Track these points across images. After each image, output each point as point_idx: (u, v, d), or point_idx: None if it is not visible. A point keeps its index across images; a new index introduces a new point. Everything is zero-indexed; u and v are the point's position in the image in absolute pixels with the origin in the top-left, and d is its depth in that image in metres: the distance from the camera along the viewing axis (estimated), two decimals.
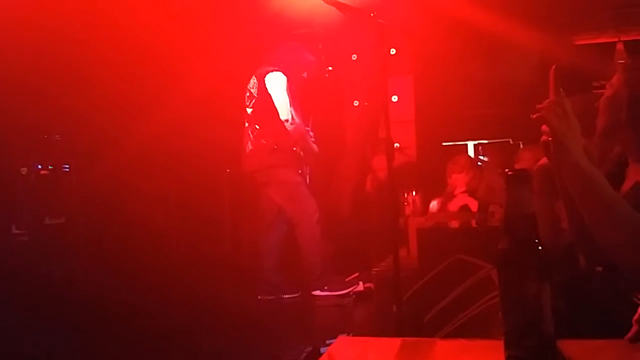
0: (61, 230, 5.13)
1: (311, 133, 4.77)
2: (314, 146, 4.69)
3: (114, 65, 5.34)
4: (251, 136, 4.57)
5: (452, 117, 7.08)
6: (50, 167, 5.41)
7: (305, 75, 4.83)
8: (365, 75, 6.65)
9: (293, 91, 4.55)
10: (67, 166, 5.57)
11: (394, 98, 6.73)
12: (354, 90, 6.93)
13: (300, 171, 4.61)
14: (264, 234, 4.70)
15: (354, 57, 6.84)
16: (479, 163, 5.84)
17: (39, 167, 5.30)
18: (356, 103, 6.91)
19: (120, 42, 5.26)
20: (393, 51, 6.57)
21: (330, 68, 6.69)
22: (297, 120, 4.48)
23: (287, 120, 4.41)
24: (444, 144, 7.52)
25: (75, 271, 4.66)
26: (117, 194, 5.68)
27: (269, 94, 4.45)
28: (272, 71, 4.51)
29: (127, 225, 5.49)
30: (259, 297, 4.52)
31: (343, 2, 3.19)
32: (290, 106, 4.46)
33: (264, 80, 4.50)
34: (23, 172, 5.11)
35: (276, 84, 4.45)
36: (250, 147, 4.58)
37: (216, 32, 5.63)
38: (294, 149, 4.54)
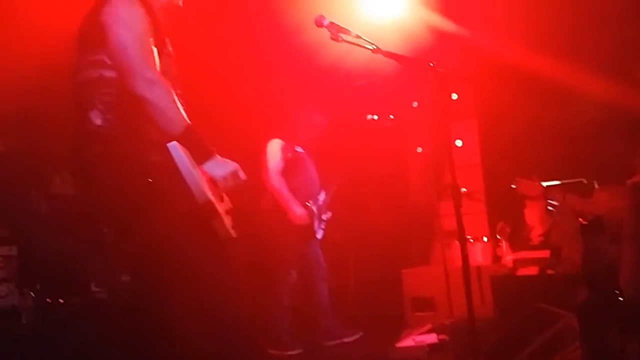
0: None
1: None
2: (297, 210, 4.79)
3: None
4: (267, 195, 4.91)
5: (520, 159, 6.92)
6: None
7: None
8: (427, 122, 6.64)
9: (290, 156, 4.84)
10: None
11: (458, 142, 6.67)
12: (416, 136, 6.92)
13: (315, 226, 4.91)
14: (312, 287, 4.95)
15: (415, 104, 6.85)
16: (549, 208, 5.62)
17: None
18: (419, 149, 6.88)
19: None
20: (455, 96, 6.56)
21: (391, 116, 6.74)
22: (278, 184, 4.75)
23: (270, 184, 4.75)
24: (513, 186, 7.32)
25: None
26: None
27: None
28: (274, 137, 4.88)
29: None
30: (326, 344, 4.60)
31: (401, 54, 3.24)
32: (280, 172, 4.77)
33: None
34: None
35: (268, 149, 4.83)
36: (264, 204, 4.93)
37: (273, 82, 5.81)
38: (308, 203, 4.85)
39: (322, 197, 5.07)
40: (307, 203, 4.83)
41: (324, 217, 5.06)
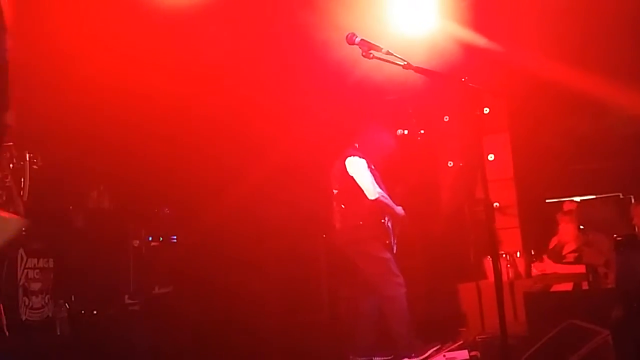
0: (169, 299, 5.38)
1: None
2: (399, 209, 4.80)
3: (213, 148, 5.80)
4: (339, 215, 4.81)
5: (554, 173, 6.82)
6: (160, 238, 5.74)
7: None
8: (459, 136, 6.60)
9: (373, 170, 4.75)
10: (175, 237, 5.90)
11: (491, 157, 6.61)
12: (447, 151, 6.87)
13: (387, 242, 4.74)
14: (359, 302, 4.82)
15: (446, 118, 6.82)
16: (581, 227, 5.49)
17: (150, 239, 5.64)
18: (450, 164, 6.83)
19: (215, 123, 5.69)
20: (487, 110, 6.51)
21: (422, 131, 6.72)
22: (380, 194, 4.67)
23: (375, 199, 4.63)
24: (547, 201, 7.21)
25: (181, 337, 4.82)
26: (219, 263, 5.91)
27: (351, 177, 4.69)
28: (351, 155, 4.78)
29: (228, 292, 5.67)
30: (350, 358, 4.55)
31: (432, 69, 3.24)
32: (373, 183, 4.67)
33: (345, 165, 4.76)
34: (135, 245, 5.45)
35: (357, 167, 4.69)
36: (338, 224, 4.80)
37: (306, 102, 5.88)
38: (383, 220, 4.71)
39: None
40: (382, 220, 4.76)
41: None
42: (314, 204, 5.53)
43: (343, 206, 4.77)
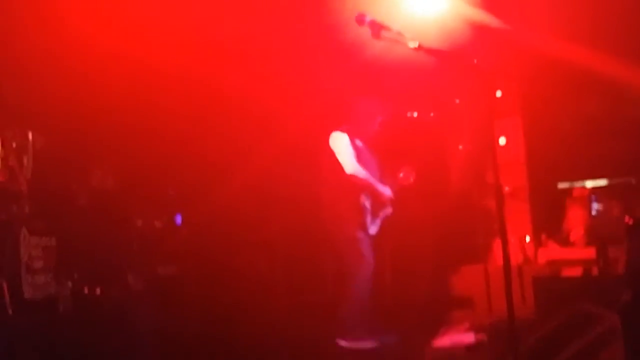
0: (173, 279, 5.39)
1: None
2: (385, 189, 4.76)
3: (215, 128, 5.76)
4: (323, 190, 4.80)
5: (567, 157, 6.72)
6: (163, 219, 5.74)
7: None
8: (470, 119, 6.51)
9: (360, 147, 4.73)
10: (179, 217, 5.89)
11: (502, 140, 6.52)
12: (458, 134, 6.78)
13: (361, 221, 4.67)
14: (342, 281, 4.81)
15: (457, 101, 6.72)
16: (593, 212, 5.40)
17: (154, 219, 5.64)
18: (461, 147, 6.74)
19: (222, 101, 5.67)
20: (499, 93, 6.41)
21: (432, 114, 6.63)
22: (359, 172, 4.61)
23: (350, 174, 4.59)
24: (559, 185, 7.12)
25: (185, 317, 4.83)
26: (224, 244, 5.92)
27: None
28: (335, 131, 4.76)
29: (233, 273, 5.68)
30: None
31: (444, 50, 3.17)
32: (352, 159, 4.63)
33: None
34: (138, 224, 5.46)
35: (337, 142, 4.68)
36: (323, 200, 4.78)
37: (316, 82, 5.82)
38: (361, 199, 4.65)
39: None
40: (359, 198, 4.67)
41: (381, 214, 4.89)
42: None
43: (326, 182, 4.74)
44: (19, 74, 4.37)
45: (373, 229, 4.79)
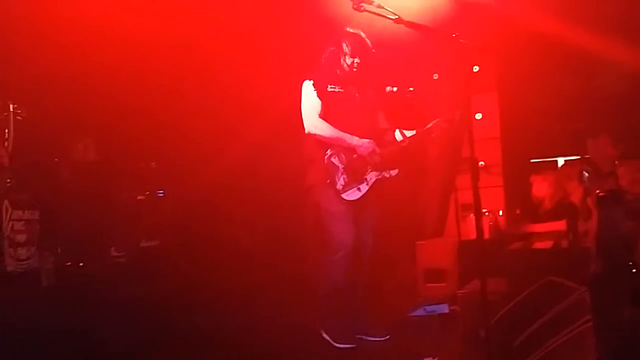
0: (156, 252, 5.42)
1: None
2: (361, 141, 3.97)
3: (200, 101, 5.71)
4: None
5: (540, 133, 6.85)
6: (146, 192, 5.74)
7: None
8: (448, 94, 6.57)
9: (326, 97, 4.01)
10: (162, 192, 5.90)
11: (478, 116, 6.61)
12: (436, 109, 6.85)
13: (329, 181, 3.90)
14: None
15: (436, 76, 6.77)
16: (585, 175, 5.53)
17: (137, 193, 5.64)
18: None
19: (207, 74, 5.62)
20: (476, 68, 6.47)
21: (411, 89, 6.66)
22: (317, 127, 3.95)
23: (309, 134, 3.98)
24: (532, 160, 7.27)
25: (167, 290, 4.87)
26: (207, 217, 5.94)
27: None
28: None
29: (216, 247, 5.72)
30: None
31: (423, 24, 3.20)
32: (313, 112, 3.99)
33: None
34: (121, 197, 5.46)
35: (302, 93, 4.04)
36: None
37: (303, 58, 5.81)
38: (327, 156, 3.93)
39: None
40: (325, 155, 3.90)
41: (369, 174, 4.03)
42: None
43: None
44: (0, 47, 4.31)
45: (352, 193, 3.89)
